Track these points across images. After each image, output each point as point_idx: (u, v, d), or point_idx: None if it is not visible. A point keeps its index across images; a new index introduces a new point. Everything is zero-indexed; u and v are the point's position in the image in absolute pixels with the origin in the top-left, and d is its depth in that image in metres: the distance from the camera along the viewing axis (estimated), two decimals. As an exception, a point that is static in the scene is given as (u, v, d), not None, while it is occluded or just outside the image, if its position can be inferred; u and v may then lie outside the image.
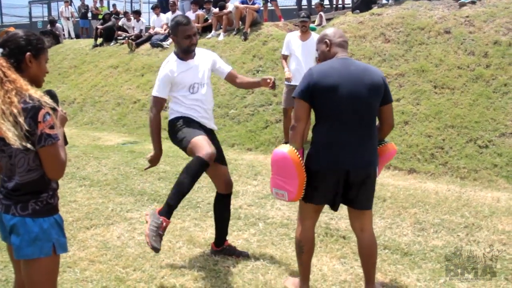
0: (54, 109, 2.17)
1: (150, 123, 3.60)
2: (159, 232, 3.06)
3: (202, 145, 3.16)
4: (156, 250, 3.01)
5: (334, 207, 2.98)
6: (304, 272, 3.09)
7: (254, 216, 4.55)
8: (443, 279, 3.34)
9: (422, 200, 4.87)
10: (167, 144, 7.98)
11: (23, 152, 2.03)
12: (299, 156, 2.79)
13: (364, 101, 2.78)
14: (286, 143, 6.93)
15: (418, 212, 4.59)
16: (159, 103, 3.54)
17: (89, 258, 3.68)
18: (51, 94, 2.22)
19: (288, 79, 6.83)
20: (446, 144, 6.21)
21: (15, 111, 1.95)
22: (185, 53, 3.54)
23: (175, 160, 6.50)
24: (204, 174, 3.38)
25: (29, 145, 1.98)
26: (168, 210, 3.16)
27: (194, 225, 4.36)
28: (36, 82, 2.18)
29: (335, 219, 4.43)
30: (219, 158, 3.48)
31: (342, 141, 2.80)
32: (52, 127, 2.02)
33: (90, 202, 4.94)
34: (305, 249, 3.01)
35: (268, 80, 3.67)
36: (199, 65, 3.61)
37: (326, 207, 3.03)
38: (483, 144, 6.05)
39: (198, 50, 3.66)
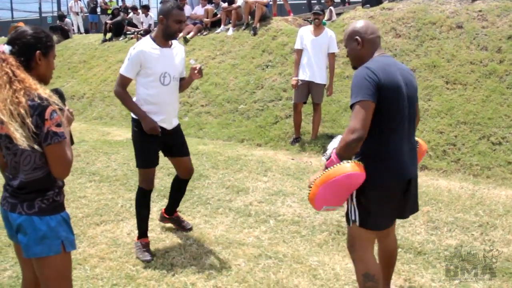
0: (61, 109, 2.14)
1: (120, 96, 3.60)
2: (143, 249, 3.66)
3: (148, 178, 3.69)
4: (148, 261, 3.57)
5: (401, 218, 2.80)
6: None
7: (264, 213, 4.51)
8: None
9: (434, 198, 4.80)
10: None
11: (29, 150, 2.01)
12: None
13: (416, 103, 2.62)
14: (296, 139, 6.93)
15: (431, 210, 4.52)
16: (125, 83, 3.58)
17: (99, 255, 3.67)
18: (58, 92, 2.19)
19: (293, 86, 6.78)
20: (459, 140, 6.12)
21: (22, 111, 1.93)
22: (167, 38, 3.53)
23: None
24: (211, 167, 3.40)
25: (36, 146, 1.97)
26: (140, 234, 3.76)
27: (204, 222, 4.34)
28: (44, 79, 2.16)
29: (347, 217, 4.39)
30: (180, 152, 3.83)
31: (403, 148, 2.54)
32: (59, 125, 1.99)
33: (100, 198, 4.93)
34: (378, 280, 2.61)
35: (195, 71, 3.65)
36: (174, 56, 3.62)
37: None
38: (496, 141, 5.96)
39: (175, 43, 3.67)
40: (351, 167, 2.38)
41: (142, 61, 3.47)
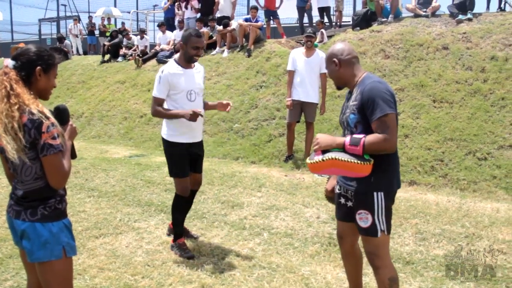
0: (65, 123, 2.28)
1: (158, 114, 4.01)
2: (183, 247, 4.03)
3: (183, 186, 4.04)
4: (190, 257, 3.94)
5: None
6: None
7: (259, 226, 4.66)
8: (444, 286, 3.44)
9: (423, 211, 4.97)
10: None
11: (30, 161, 2.11)
12: None
13: None
14: (289, 156, 7.11)
15: (419, 222, 4.69)
16: (159, 103, 3.97)
17: (99, 266, 3.78)
18: (60, 109, 2.32)
19: (288, 106, 7.01)
20: (446, 156, 6.34)
21: (15, 125, 2.04)
22: (188, 62, 3.96)
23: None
24: (207, 183, 3.55)
25: (26, 160, 2.08)
26: (176, 236, 4.12)
27: (200, 234, 4.47)
28: (44, 95, 2.28)
29: (338, 229, 4.54)
30: (196, 169, 4.24)
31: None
32: (54, 138, 2.10)
33: (98, 212, 5.06)
34: (398, 283, 2.80)
35: (225, 106, 4.18)
36: (195, 75, 4.05)
37: (327, 218, 3.07)
38: (482, 156, 6.18)
39: (196, 64, 4.12)
40: (369, 169, 2.57)
41: (170, 82, 3.89)
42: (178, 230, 4.13)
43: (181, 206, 4.11)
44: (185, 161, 4.03)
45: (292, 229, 4.61)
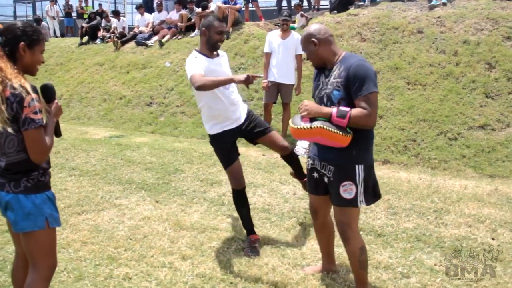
0: (51, 100, 2.34)
1: (205, 85, 3.41)
2: (253, 245, 3.78)
3: (234, 176, 3.81)
4: (257, 254, 3.69)
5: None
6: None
7: (237, 203, 4.81)
8: (413, 256, 3.63)
9: (395, 188, 5.17)
10: (153, 138, 8.20)
11: (13, 134, 2.17)
12: None
13: None
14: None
15: (391, 198, 4.89)
16: (201, 75, 3.49)
17: (82, 240, 3.89)
18: (48, 86, 2.37)
19: (264, 88, 7.13)
20: (418, 136, 6.57)
21: None
22: (212, 49, 3.74)
23: (160, 152, 6.77)
24: (186, 162, 3.59)
25: (9, 129, 2.13)
26: (248, 231, 3.92)
27: (180, 210, 4.60)
28: (30, 71, 2.32)
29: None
30: (262, 132, 3.87)
31: None
32: (36, 113, 2.14)
33: (80, 190, 5.14)
34: (366, 252, 2.99)
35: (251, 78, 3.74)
36: (223, 62, 3.89)
37: (303, 194, 3.15)
38: (452, 136, 6.43)
39: (219, 51, 3.90)
40: (348, 141, 2.69)
41: (204, 70, 3.56)
42: (247, 225, 3.93)
43: (240, 199, 3.89)
44: (227, 149, 3.82)
45: (269, 204, 4.77)
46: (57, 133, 2.46)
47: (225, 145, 3.82)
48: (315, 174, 3.02)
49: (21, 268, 2.52)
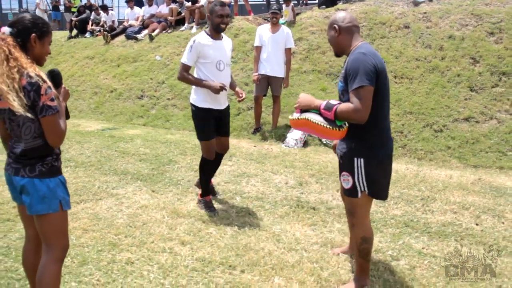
0: (58, 85, 2.46)
1: (184, 79, 4.33)
2: (208, 204, 4.47)
3: (208, 149, 4.37)
4: (214, 214, 4.34)
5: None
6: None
7: (231, 191, 4.96)
8: (401, 241, 3.81)
9: (383, 177, 5.34)
10: (145, 130, 8.26)
11: (29, 121, 2.27)
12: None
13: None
14: (257, 129, 7.41)
15: (379, 187, 5.06)
16: (186, 69, 4.28)
17: (83, 228, 3.99)
18: (55, 72, 2.50)
19: (255, 81, 7.27)
20: (405, 128, 6.77)
21: (16, 86, 2.19)
22: (216, 32, 4.27)
23: (153, 144, 6.87)
24: (179, 153, 3.74)
25: (29, 115, 2.23)
26: (203, 193, 4.53)
27: (177, 199, 4.73)
28: (39, 61, 2.42)
29: (305, 194, 4.88)
30: (223, 132, 4.52)
31: (388, 126, 2.88)
32: (52, 100, 2.26)
33: (77, 181, 5.23)
34: (372, 243, 3.02)
35: (240, 94, 4.34)
36: (225, 46, 4.36)
37: (295, 183, 3.32)
38: (438, 128, 6.64)
39: (225, 36, 4.44)
40: (340, 135, 2.78)
41: (200, 51, 4.20)
42: (206, 188, 4.53)
43: (207, 167, 4.46)
44: (210, 125, 4.33)
45: (262, 193, 4.91)
46: (67, 115, 2.58)
47: (209, 121, 4.32)
48: (340, 161, 3.09)
49: (32, 251, 2.63)
